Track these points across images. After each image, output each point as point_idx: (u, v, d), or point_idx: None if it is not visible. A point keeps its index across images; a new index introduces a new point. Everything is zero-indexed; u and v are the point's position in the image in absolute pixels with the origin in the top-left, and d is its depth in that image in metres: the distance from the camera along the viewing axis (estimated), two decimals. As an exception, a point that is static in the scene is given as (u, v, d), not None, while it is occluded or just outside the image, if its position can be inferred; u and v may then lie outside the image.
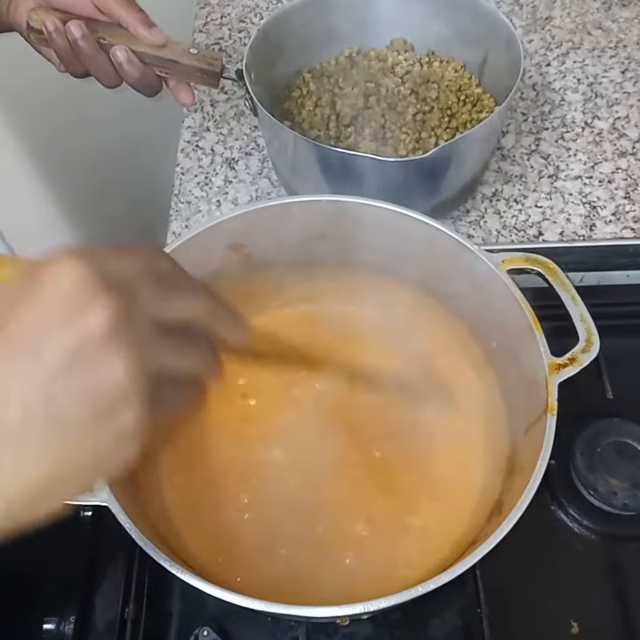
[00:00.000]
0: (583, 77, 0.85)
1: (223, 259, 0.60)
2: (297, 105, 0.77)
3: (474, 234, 0.73)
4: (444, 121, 0.74)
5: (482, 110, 0.75)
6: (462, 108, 0.75)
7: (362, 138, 0.73)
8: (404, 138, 0.72)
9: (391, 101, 0.75)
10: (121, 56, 0.59)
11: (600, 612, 0.56)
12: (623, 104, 0.82)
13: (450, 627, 0.55)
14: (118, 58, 0.59)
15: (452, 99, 0.75)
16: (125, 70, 0.60)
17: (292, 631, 0.55)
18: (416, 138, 0.72)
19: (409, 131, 0.73)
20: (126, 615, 0.55)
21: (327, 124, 0.75)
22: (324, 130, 0.74)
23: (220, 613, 0.55)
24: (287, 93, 0.78)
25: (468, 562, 0.43)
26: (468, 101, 0.75)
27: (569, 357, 0.51)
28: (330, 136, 0.74)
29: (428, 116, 0.74)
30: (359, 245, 0.61)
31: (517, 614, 0.56)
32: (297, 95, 0.78)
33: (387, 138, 0.73)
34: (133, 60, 0.59)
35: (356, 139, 0.73)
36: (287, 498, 0.57)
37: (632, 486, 0.57)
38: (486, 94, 0.76)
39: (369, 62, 0.79)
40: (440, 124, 0.73)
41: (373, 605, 0.42)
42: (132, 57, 0.59)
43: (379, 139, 0.73)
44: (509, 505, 0.46)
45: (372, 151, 0.71)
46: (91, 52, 0.58)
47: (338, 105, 0.75)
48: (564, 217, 0.74)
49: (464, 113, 0.74)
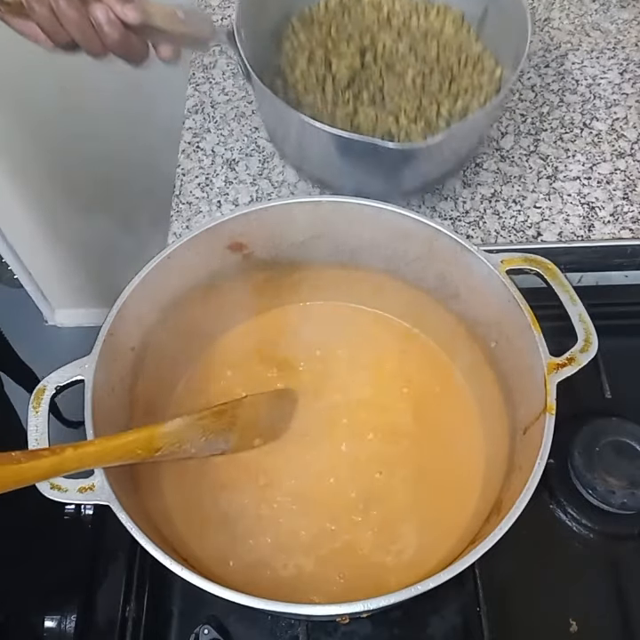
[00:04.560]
0: (582, 79, 0.85)
1: (223, 259, 0.60)
2: (289, 61, 0.72)
3: (473, 234, 0.74)
4: (445, 86, 0.70)
5: (483, 72, 0.71)
6: (463, 70, 0.71)
7: (360, 103, 0.69)
8: (404, 105, 0.68)
9: (389, 60, 0.71)
10: (101, 16, 0.53)
11: (599, 611, 0.56)
12: (621, 105, 0.82)
13: (449, 625, 0.56)
14: (98, 18, 0.53)
15: (452, 59, 0.72)
16: (106, 32, 0.53)
17: (293, 629, 0.55)
18: (417, 105, 0.69)
19: (409, 97, 0.69)
20: (127, 613, 0.55)
21: (323, 87, 0.70)
22: (319, 94, 0.69)
23: (220, 612, 0.55)
24: (278, 47, 0.73)
25: (467, 560, 0.43)
26: (469, 63, 0.72)
27: (567, 357, 0.52)
28: (326, 101, 0.69)
29: (428, 79, 0.70)
30: (359, 246, 0.62)
31: (516, 613, 0.56)
32: (288, 48, 0.73)
33: (386, 103, 0.69)
34: (114, 22, 0.53)
35: (354, 104, 0.69)
36: (289, 497, 0.58)
37: (630, 485, 0.57)
38: (486, 52, 0.73)
39: (362, 10, 0.74)
40: (441, 89, 0.70)
41: (373, 604, 0.42)
42: (112, 17, 0.53)
43: (377, 103, 0.69)
44: (508, 504, 0.46)
45: (371, 118, 0.68)
46: (73, 15, 0.52)
47: (334, 65, 0.70)
48: (563, 217, 0.74)
49: (465, 77, 0.71)
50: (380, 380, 0.63)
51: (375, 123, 0.68)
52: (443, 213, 0.75)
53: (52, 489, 0.47)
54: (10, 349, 1.04)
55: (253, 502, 0.58)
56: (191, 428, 0.51)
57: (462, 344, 0.62)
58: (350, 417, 0.62)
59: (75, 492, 0.47)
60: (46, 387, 0.51)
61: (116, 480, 0.48)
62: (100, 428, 0.49)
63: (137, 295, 0.55)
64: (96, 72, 0.99)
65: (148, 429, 0.49)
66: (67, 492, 0.47)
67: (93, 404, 0.50)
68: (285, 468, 0.59)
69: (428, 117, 0.68)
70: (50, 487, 0.47)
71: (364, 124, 0.68)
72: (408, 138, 0.67)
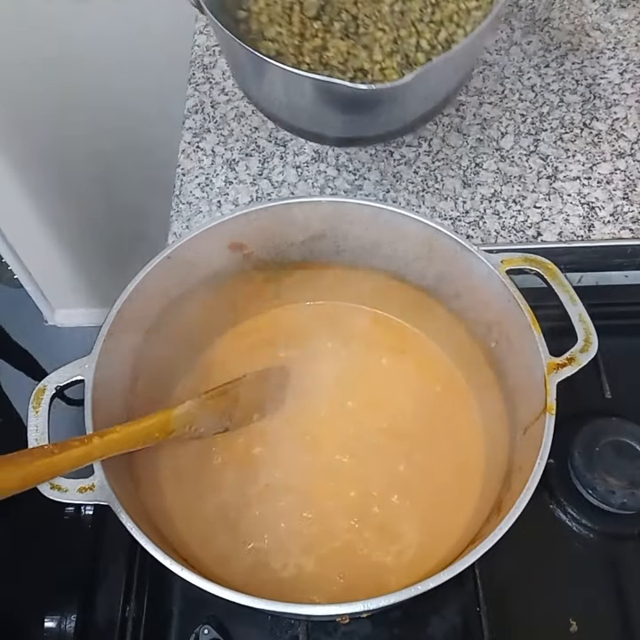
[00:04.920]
0: (582, 79, 0.85)
1: (224, 259, 0.60)
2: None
3: (473, 234, 0.74)
4: (427, 12, 0.62)
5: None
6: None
7: (331, 35, 0.62)
8: (379, 36, 0.61)
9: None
10: None
11: (599, 611, 0.56)
12: (621, 105, 0.82)
13: (449, 625, 0.56)
14: None
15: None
16: None
17: (293, 629, 0.55)
18: (394, 37, 0.62)
19: (385, 27, 0.61)
20: (127, 613, 0.55)
21: (289, 17, 0.62)
22: (285, 25, 0.62)
23: (220, 612, 0.55)
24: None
25: (468, 560, 0.43)
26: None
27: (567, 357, 0.52)
28: (293, 33, 0.62)
29: (408, 5, 0.62)
30: (359, 246, 0.62)
31: (516, 613, 0.56)
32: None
33: (360, 34, 0.62)
34: None
35: (324, 37, 0.62)
36: (289, 497, 0.58)
37: (630, 485, 0.57)
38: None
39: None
40: (422, 17, 0.62)
41: (373, 604, 0.42)
42: None
43: (351, 35, 0.62)
44: (508, 504, 0.46)
45: (342, 54, 0.61)
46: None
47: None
48: (563, 217, 0.74)
49: (450, 1, 0.63)
50: (379, 380, 0.63)
51: (347, 58, 0.62)
52: (443, 213, 0.75)
53: (52, 489, 0.47)
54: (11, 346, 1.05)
55: (254, 502, 0.58)
56: (199, 409, 0.54)
57: (462, 344, 0.62)
58: (350, 417, 0.62)
59: (75, 492, 0.47)
60: (46, 387, 0.51)
61: (116, 480, 0.48)
62: (100, 429, 0.49)
63: (137, 295, 0.55)
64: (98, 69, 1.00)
65: (163, 413, 0.52)
66: (67, 492, 0.47)
67: (93, 404, 0.50)
68: (286, 467, 0.59)
69: (405, 51, 0.62)
70: (50, 487, 0.47)
71: (335, 59, 0.62)
72: (383, 75, 0.61)
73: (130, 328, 0.55)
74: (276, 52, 0.60)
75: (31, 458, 0.43)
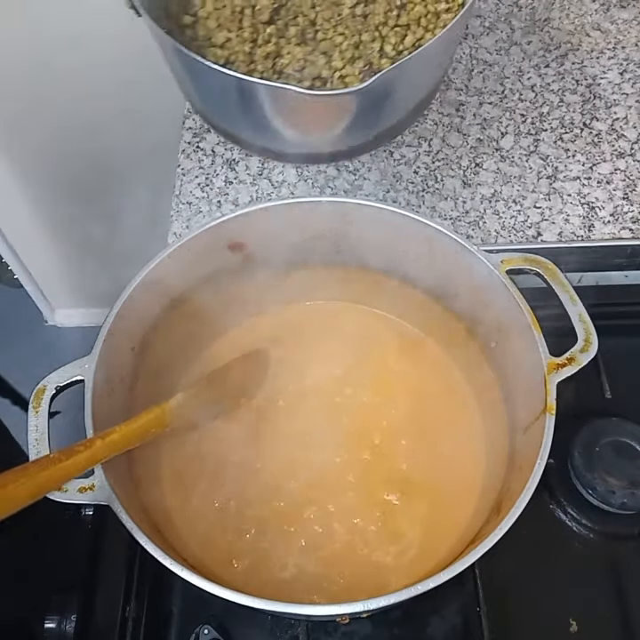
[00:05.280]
0: (582, 79, 0.85)
1: (223, 259, 0.60)
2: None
3: (473, 234, 0.74)
4: (392, 15, 0.57)
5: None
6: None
7: (286, 41, 0.57)
8: (339, 42, 0.56)
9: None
10: None
11: (599, 611, 0.56)
12: (621, 105, 0.82)
13: (449, 625, 0.56)
14: None
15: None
16: None
17: (293, 629, 0.55)
18: (355, 42, 0.56)
19: (346, 31, 0.57)
20: (127, 614, 0.55)
21: (240, 21, 0.57)
22: (235, 30, 0.57)
23: (220, 612, 0.55)
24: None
25: (468, 560, 0.43)
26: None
27: (567, 357, 0.52)
28: (244, 39, 0.57)
29: (371, 7, 0.57)
30: (359, 246, 0.62)
31: (516, 613, 0.56)
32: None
33: (318, 40, 0.57)
34: None
35: (278, 43, 0.57)
36: (289, 498, 0.58)
37: (630, 485, 0.57)
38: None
39: None
40: (386, 20, 0.57)
41: (373, 604, 0.42)
42: None
43: (308, 41, 0.57)
44: (508, 504, 0.46)
45: (298, 62, 0.56)
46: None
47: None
48: (563, 217, 0.74)
49: (418, 3, 0.58)
50: (379, 380, 0.63)
51: (303, 65, 0.56)
52: (443, 213, 0.75)
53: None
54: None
55: (254, 502, 0.58)
56: (191, 400, 0.55)
57: (462, 344, 0.62)
58: (350, 416, 0.62)
59: (75, 492, 0.47)
60: (46, 387, 0.51)
61: (116, 480, 0.48)
62: (100, 428, 0.49)
63: (137, 295, 0.55)
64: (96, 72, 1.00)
65: (158, 409, 0.53)
66: (67, 492, 0.47)
67: (93, 404, 0.50)
68: (286, 468, 0.59)
69: (369, 57, 0.57)
70: (50, 487, 0.47)
71: (290, 67, 0.56)
72: (343, 83, 0.56)
73: (130, 328, 0.55)
74: (226, 59, 0.55)
75: (40, 468, 0.44)
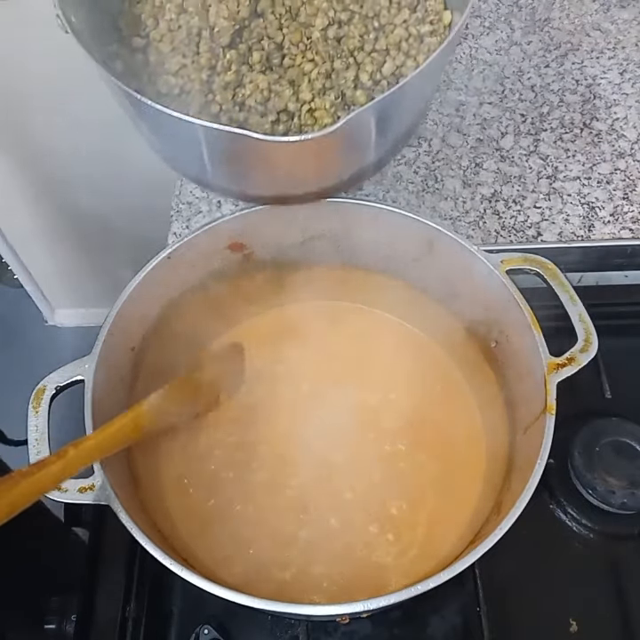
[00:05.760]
0: (582, 79, 0.85)
1: (223, 259, 0.60)
2: (153, 9, 0.52)
3: (473, 234, 0.74)
4: (369, 39, 0.50)
5: (424, 19, 0.51)
6: (396, 15, 0.51)
7: (248, 68, 0.50)
8: (309, 69, 0.50)
9: (292, 4, 0.51)
10: None
11: (599, 611, 0.56)
12: (621, 105, 0.82)
13: (449, 625, 0.55)
14: None
15: (381, 0, 0.51)
16: None
17: (293, 629, 0.55)
18: (326, 71, 0.50)
19: (316, 57, 0.50)
20: (127, 614, 0.55)
21: (197, 45, 0.50)
22: (191, 55, 0.50)
23: (220, 612, 0.55)
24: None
25: (468, 560, 0.43)
26: (404, 4, 0.51)
27: (567, 357, 0.52)
28: (201, 65, 0.50)
29: (346, 29, 0.51)
30: (359, 246, 0.62)
31: (516, 613, 0.56)
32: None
33: (284, 66, 0.50)
34: None
35: (239, 70, 0.50)
36: (290, 498, 0.58)
37: (630, 485, 0.57)
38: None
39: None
40: (362, 44, 0.50)
41: (373, 604, 0.42)
42: None
43: (274, 67, 0.50)
44: (508, 504, 0.46)
45: (262, 92, 0.49)
46: None
47: (211, 12, 0.50)
48: (563, 217, 0.74)
49: (398, 25, 0.51)
50: (379, 380, 0.63)
51: (267, 96, 0.50)
52: (443, 213, 0.75)
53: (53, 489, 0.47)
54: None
55: (254, 503, 0.58)
56: (165, 401, 0.54)
57: (462, 344, 0.62)
58: (350, 417, 0.61)
59: (75, 492, 0.47)
60: (46, 387, 0.51)
61: (116, 480, 0.48)
62: (100, 428, 0.49)
63: (137, 295, 0.55)
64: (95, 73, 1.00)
65: (132, 411, 0.51)
66: (67, 492, 0.47)
67: (93, 404, 0.50)
68: (286, 468, 0.59)
69: (342, 87, 0.50)
70: (50, 487, 0.47)
71: (252, 98, 0.50)
72: (312, 118, 0.50)
73: (130, 328, 0.55)
74: (180, 88, 0.49)
75: (13, 482, 0.42)
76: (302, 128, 0.49)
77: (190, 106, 0.49)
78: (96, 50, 0.48)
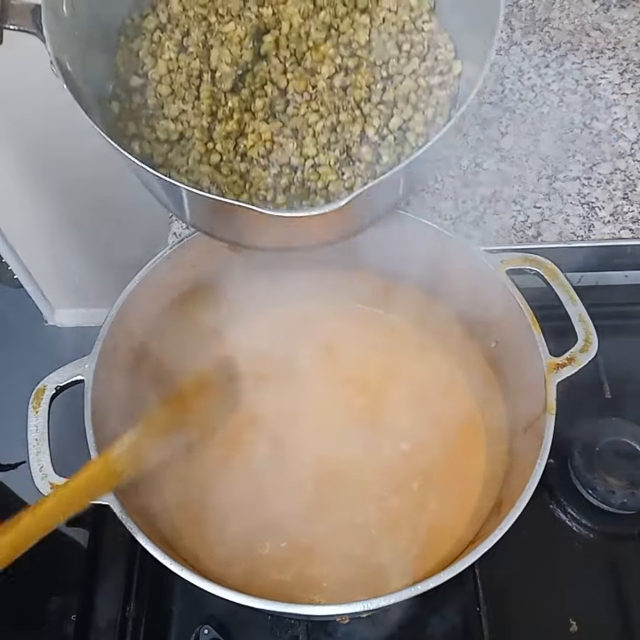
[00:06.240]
0: (582, 79, 0.85)
1: (224, 259, 0.60)
2: (151, 47, 0.49)
3: (473, 234, 0.74)
4: (376, 89, 0.48)
5: (434, 69, 0.49)
6: (405, 65, 0.49)
7: (251, 116, 0.48)
8: (313, 120, 0.48)
9: (297, 47, 0.49)
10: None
11: (599, 611, 0.56)
12: (621, 105, 0.82)
13: (449, 625, 0.56)
14: None
15: (390, 48, 0.49)
16: None
17: (293, 629, 0.55)
18: (332, 124, 0.48)
19: (321, 108, 0.48)
20: (127, 614, 0.55)
21: (197, 89, 0.48)
22: (191, 100, 0.48)
23: (220, 612, 0.55)
24: (138, 22, 0.50)
25: (468, 560, 0.43)
26: (414, 54, 0.49)
27: (567, 357, 0.52)
28: (202, 111, 0.47)
29: (353, 78, 0.48)
30: (359, 247, 0.62)
31: (516, 613, 0.56)
32: (152, 27, 0.49)
33: (288, 115, 0.48)
34: None
35: (241, 118, 0.47)
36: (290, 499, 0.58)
37: (630, 485, 0.57)
38: (443, 34, 0.50)
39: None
40: (369, 95, 0.48)
41: (373, 604, 0.42)
42: None
43: (279, 114, 0.48)
44: (508, 504, 0.46)
45: (265, 143, 0.47)
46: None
47: (213, 55, 0.47)
48: (563, 217, 0.74)
49: (407, 76, 0.49)
50: (379, 380, 0.63)
51: (270, 148, 0.48)
52: (443, 213, 0.75)
53: (53, 489, 0.47)
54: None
55: (254, 502, 0.58)
56: (144, 436, 0.49)
57: (462, 344, 0.62)
58: (350, 417, 0.62)
59: (75, 492, 0.47)
60: (46, 387, 0.51)
61: (116, 480, 0.48)
62: (100, 429, 0.49)
63: (137, 295, 0.55)
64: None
65: (100, 458, 0.47)
66: (67, 492, 0.47)
67: (93, 404, 0.50)
68: (285, 468, 0.59)
69: (347, 141, 0.48)
70: (50, 487, 0.47)
71: (254, 150, 0.48)
72: (316, 174, 0.48)
73: (130, 328, 0.55)
74: (180, 134, 0.47)
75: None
76: (305, 183, 0.48)
77: (190, 153, 0.47)
78: (91, 91, 0.46)
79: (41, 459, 0.48)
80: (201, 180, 0.47)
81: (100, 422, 0.49)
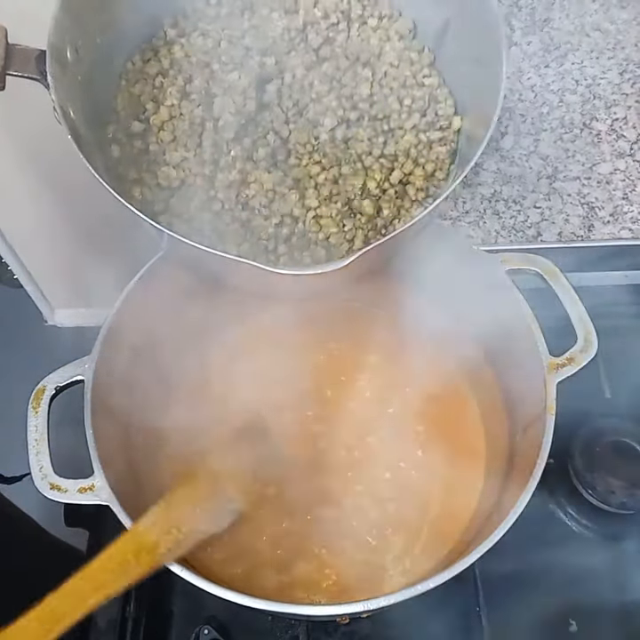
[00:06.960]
0: (581, 79, 0.85)
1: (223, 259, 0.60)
2: (153, 93, 0.49)
3: (473, 234, 0.74)
4: (378, 142, 0.49)
5: (435, 123, 0.50)
6: (406, 120, 0.49)
7: (253, 166, 0.47)
8: (315, 173, 0.48)
9: (300, 99, 0.49)
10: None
11: (599, 611, 0.56)
12: (621, 105, 0.82)
13: (449, 625, 0.56)
14: None
15: (391, 102, 0.49)
16: None
17: (293, 629, 0.55)
18: (334, 176, 0.48)
19: (323, 160, 0.48)
20: (127, 614, 0.55)
21: (199, 137, 0.47)
22: (193, 148, 0.47)
23: (220, 612, 0.56)
24: (139, 66, 0.49)
25: (468, 560, 0.43)
26: (415, 108, 0.50)
27: (567, 357, 0.52)
28: (203, 160, 0.47)
29: (354, 131, 0.49)
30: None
31: (516, 613, 0.56)
32: (154, 72, 0.49)
33: (290, 165, 0.48)
34: None
35: (243, 167, 0.47)
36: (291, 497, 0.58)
37: (630, 485, 0.57)
38: (443, 89, 0.50)
39: (269, 14, 0.49)
40: (371, 149, 0.49)
41: (373, 604, 0.42)
42: None
43: (279, 164, 0.48)
44: (508, 504, 0.46)
45: (267, 193, 0.47)
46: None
47: (217, 104, 0.47)
48: (563, 218, 0.74)
49: (408, 131, 0.49)
50: (379, 381, 0.63)
51: (272, 198, 0.48)
52: (443, 213, 0.75)
53: (52, 489, 0.47)
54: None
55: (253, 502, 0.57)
56: (174, 508, 0.47)
57: (462, 344, 0.62)
58: (350, 417, 0.62)
59: (75, 492, 0.47)
60: (46, 387, 0.51)
61: (116, 480, 0.48)
62: (100, 429, 0.49)
63: (137, 295, 0.55)
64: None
65: (127, 535, 0.44)
66: (67, 492, 0.47)
67: (93, 404, 0.50)
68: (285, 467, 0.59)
69: (348, 194, 0.48)
70: (50, 487, 0.47)
71: (256, 200, 0.48)
72: (317, 225, 0.48)
73: (130, 328, 0.55)
74: (181, 181, 0.47)
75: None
76: (306, 234, 0.48)
77: (191, 201, 0.47)
78: (92, 135, 0.46)
79: (41, 459, 0.48)
80: (202, 227, 0.47)
81: (100, 422, 0.49)
